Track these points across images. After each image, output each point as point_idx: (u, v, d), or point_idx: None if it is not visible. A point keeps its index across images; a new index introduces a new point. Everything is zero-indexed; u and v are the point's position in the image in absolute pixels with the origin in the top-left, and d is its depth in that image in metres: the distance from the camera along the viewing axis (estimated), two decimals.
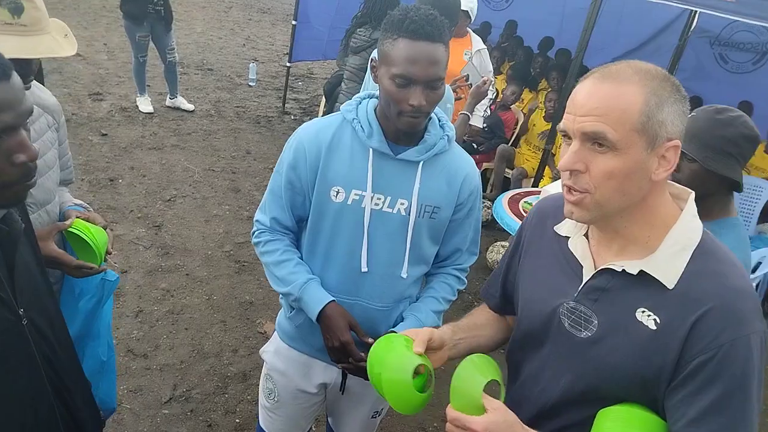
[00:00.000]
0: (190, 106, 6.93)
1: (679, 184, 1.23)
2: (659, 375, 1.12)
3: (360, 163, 1.68)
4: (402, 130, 1.65)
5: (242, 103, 7.60)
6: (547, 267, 1.34)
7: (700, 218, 1.16)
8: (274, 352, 1.97)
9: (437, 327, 1.43)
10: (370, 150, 1.68)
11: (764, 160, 6.02)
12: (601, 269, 1.20)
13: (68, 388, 1.44)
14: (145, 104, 6.62)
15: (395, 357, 1.29)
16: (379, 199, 1.69)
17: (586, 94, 1.09)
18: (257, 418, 2.14)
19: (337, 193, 1.69)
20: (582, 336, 1.21)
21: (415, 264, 1.82)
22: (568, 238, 1.30)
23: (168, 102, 6.90)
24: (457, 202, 1.78)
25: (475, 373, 1.21)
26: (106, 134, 5.89)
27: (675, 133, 1.08)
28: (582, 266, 1.24)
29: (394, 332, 1.50)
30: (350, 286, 1.76)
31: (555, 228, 1.34)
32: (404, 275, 1.79)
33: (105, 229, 1.94)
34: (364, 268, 1.73)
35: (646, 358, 1.12)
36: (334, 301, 1.73)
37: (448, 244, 1.88)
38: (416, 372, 1.29)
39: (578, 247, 1.27)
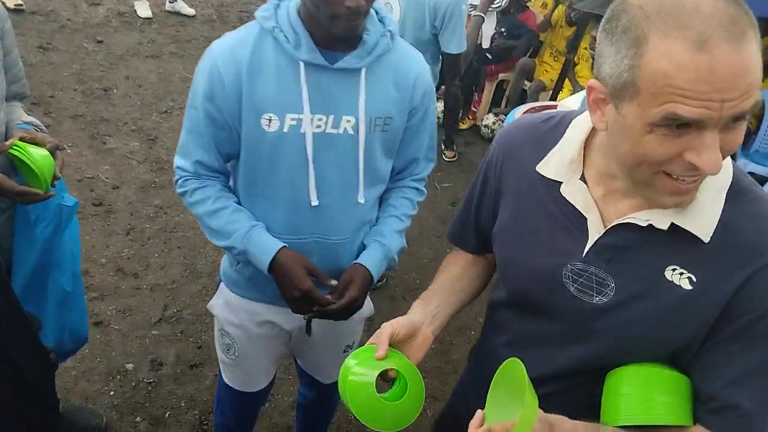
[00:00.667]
0: (191, 11, 6.58)
1: None
2: (693, 339, 0.96)
3: (290, 80, 1.42)
4: (336, 36, 1.39)
5: (246, 8, 7.20)
6: (536, 218, 1.10)
7: None
8: (224, 304, 1.76)
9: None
10: (301, 64, 1.41)
11: None
12: (616, 224, 0.99)
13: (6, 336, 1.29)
14: (143, 8, 6.28)
15: (357, 368, 1.10)
16: (321, 120, 1.45)
17: (733, 68, 0.76)
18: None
19: (270, 121, 1.43)
20: (595, 302, 1.02)
21: (372, 186, 1.60)
22: (559, 183, 1.07)
23: (167, 6, 6.54)
24: (410, 108, 1.56)
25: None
26: (101, 41, 5.61)
27: None
28: (585, 219, 1.03)
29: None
30: (301, 225, 1.55)
31: (538, 169, 1.10)
32: (361, 201, 1.58)
33: (56, 151, 1.76)
34: (315, 202, 1.51)
35: (681, 322, 0.95)
36: (284, 246, 1.52)
37: (404, 155, 1.67)
38: (389, 379, 1.13)
39: (578, 196, 1.04)
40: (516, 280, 1.16)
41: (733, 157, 3.70)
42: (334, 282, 1.55)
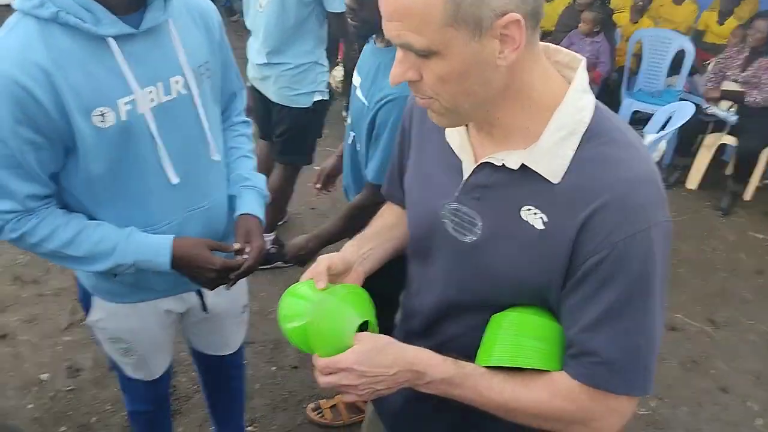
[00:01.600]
0: None
1: None
2: (549, 280, 0.97)
3: (104, 63, 1.26)
4: None
5: None
6: (429, 162, 1.14)
7: None
8: (110, 317, 1.60)
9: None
10: (110, 40, 1.25)
11: (674, 11, 5.95)
12: (482, 163, 1.01)
13: None
14: None
15: (329, 325, 1.06)
16: (151, 92, 1.34)
17: None
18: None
19: (103, 115, 1.26)
20: (467, 240, 1.04)
21: (217, 137, 1.54)
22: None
23: None
24: (216, 44, 1.51)
25: (343, 314, 1.05)
26: None
27: (509, 4, 0.84)
28: (461, 160, 1.05)
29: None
30: (166, 209, 1.45)
31: None
32: (216, 157, 1.52)
33: None
34: (175, 180, 1.42)
35: (534, 262, 0.97)
36: (175, 237, 1.44)
37: (225, 93, 1.63)
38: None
39: (455, 137, 1.06)
40: (413, 224, 1.18)
41: (619, 98, 3.91)
42: (236, 245, 1.51)
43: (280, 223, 3.61)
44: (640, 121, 4.90)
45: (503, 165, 0.97)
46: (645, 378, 0.95)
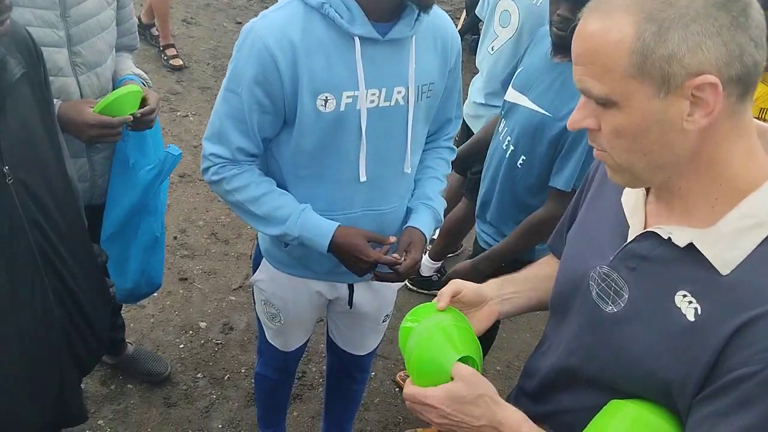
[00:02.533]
0: None
1: None
2: (684, 380, 0.84)
3: (344, 57, 1.39)
4: (388, 2, 1.35)
5: None
6: (596, 219, 1.07)
7: None
8: (270, 280, 1.76)
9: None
10: (356, 39, 1.37)
11: None
12: (648, 232, 0.91)
13: (63, 257, 1.39)
14: None
15: (431, 340, 1.06)
16: (374, 94, 1.43)
17: (575, 35, 0.85)
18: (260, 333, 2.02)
19: (326, 101, 1.39)
20: (607, 310, 0.96)
21: (415, 152, 1.60)
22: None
23: None
24: (448, 69, 1.54)
25: (446, 346, 1.01)
26: (240, 22, 5.92)
27: (705, 64, 0.75)
28: (629, 225, 0.96)
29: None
30: (349, 200, 1.55)
31: None
32: (408, 170, 1.58)
33: (153, 101, 1.84)
34: (363, 178, 1.50)
35: (673, 354, 0.86)
36: (340, 225, 1.52)
37: (439, 117, 1.67)
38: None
39: (631, 199, 0.98)
40: (560, 280, 1.12)
41: None
42: (392, 239, 1.56)
43: (450, 255, 3.62)
44: None
45: (670, 239, 0.88)
46: None
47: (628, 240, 0.95)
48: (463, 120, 3.23)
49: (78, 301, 1.43)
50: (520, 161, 1.93)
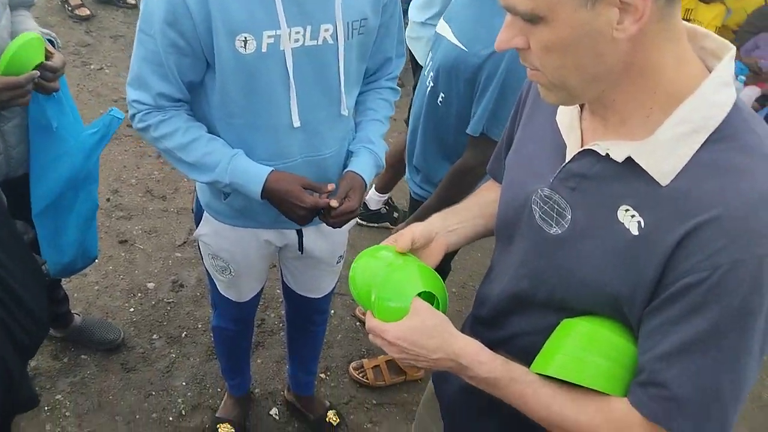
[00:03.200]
0: None
1: None
2: (633, 293, 0.84)
3: None
4: None
5: None
6: (533, 141, 1.05)
7: None
8: (214, 234, 1.70)
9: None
10: None
11: None
12: (586, 149, 0.89)
13: None
14: None
15: (391, 284, 1.04)
16: (298, 33, 1.34)
17: None
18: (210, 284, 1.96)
19: (245, 42, 1.30)
20: (551, 232, 0.94)
21: (350, 93, 1.53)
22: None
23: None
24: (382, 3, 1.47)
25: (405, 283, 1.00)
26: None
27: None
28: (566, 144, 0.95)
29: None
30: (284, 148, 1.48)
31: None
32: (344, 113, 1.51)
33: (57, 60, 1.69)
34: (297, 123, 1.43)
35: (620, 269, 0.85)
36: (273, 170, 1.45)
37: (377, 55, 1.60)
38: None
39: (566, 117, 0.96)
40: (500, 206, 1.11)
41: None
42: (331, 186, 1.51)
43: None
44: None
45: (607, 155, 0.86)
46: (720, 428, 0.81)
47: (567, 160, 0.93)
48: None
49: (7, 286, 1.33)
50: (440, 98, 1.85)
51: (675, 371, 0.80)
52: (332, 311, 2.74)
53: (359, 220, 3.31)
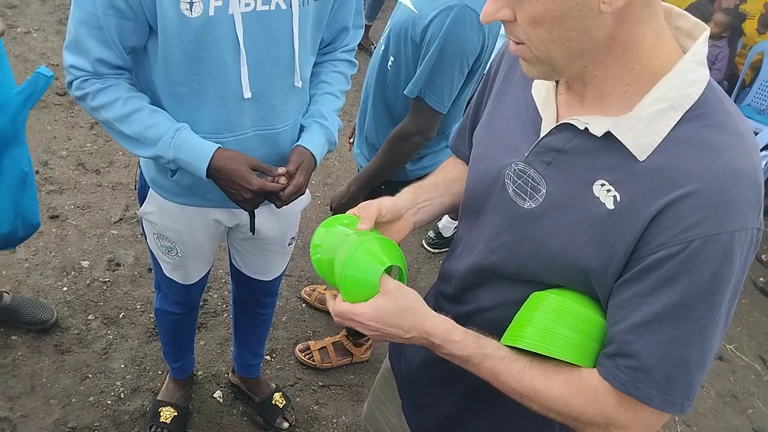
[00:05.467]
0: None
1: None
2: (606, 267, 0.86)
3: None
4: None
5: None
6: (505, 115, 1.04)
7: None
8: (160, 212, 1.61)
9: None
10: None
11: None
12: (562, 124, 0.91)
13: None
14: None
15: (356, 258, 1.01)
16: None
17: None
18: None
19: (191, 4, 1.21)
20: (525, 206, 0.95)
21: (306, 64, 1.48)
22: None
23: None
24: None
25: (371, 260, 0.98)
26: None
27: None
28: (542, 118, 0.95)
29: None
30: (234, 120, 1.41)
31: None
32: (298, 84, 1.46)
33: None
34: (247, 94, 1.37)
35: (593, 243, 0.87)
36: (220, 147, 1.39)
37: (333, 24, 1.54)
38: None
39: (542, 92, 0.96)
40: (470, 181, 1.09)
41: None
42: (281, 169, 1.45)
43: None
44: None
45: (586, 129, 0.87)
46: (686, 396, 0.84)
47: (543, 134, 0.94)
48: None
49: None
50: (390, 62, 1.83)
51: (645, 342, 0.83)
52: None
53: (428, 247, 3.35)
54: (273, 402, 2.28)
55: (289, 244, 1.87)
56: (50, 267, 2.62)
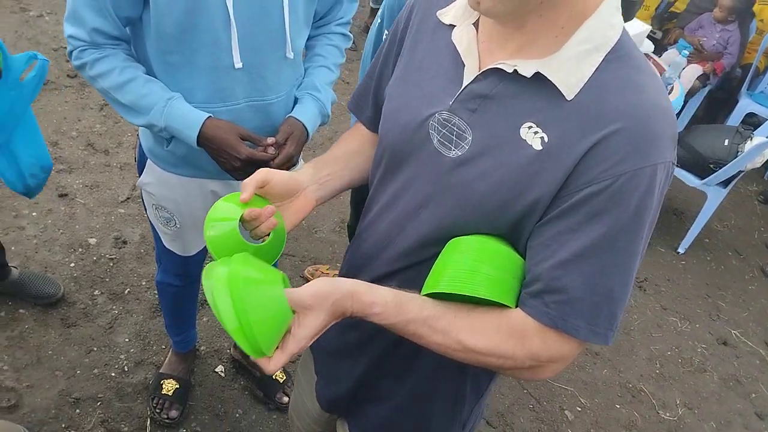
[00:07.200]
0: None
1: None
2: (533, 208, 0.87)
3: None
4: None
5: None
6: (422, 66, 1.01)
7: None
8: (158, 182, 1.63)
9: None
10: None
11: None
12: (488, 69, 0.90)
13: None
14: None
15: (217, 212, 0.98)
16: None
17: None
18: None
19: None
20: (451, 155, 0.93)
21: (298, 35, 1.48)
22: (453, 27, 0.97)
23: None
24: None
25: (269, 289, 0.85)
26: None
27: None
28: (464, 65, 0.94)
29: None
30: (225, 90, 1.43)
31: (438, 14, 1.01)
32: (290, 55, 1.46)
33: None
34: (238, 64, 1.38)
35: (520, 186, 0.86)
36: (210, 117, 1.41)
37: None
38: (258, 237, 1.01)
39: (463, 39, 0.95)
40: (389, 136, 1.04)
41: (737, 96, 3.57)
42: (270, 139, 1.46)
43: None
44: (752, 125, 4.51)
45: (515, 72, 0.86)
46: (609, 326, 0.86)
47: (467, 81, 0.92)
48: None
49: None
50: (385, 36, 1.82)
51: (573, 276, 0.84)
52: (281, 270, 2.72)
53: None
54: (273, 377, 2.32)
55: None
56: (58, 244, 2.67)
